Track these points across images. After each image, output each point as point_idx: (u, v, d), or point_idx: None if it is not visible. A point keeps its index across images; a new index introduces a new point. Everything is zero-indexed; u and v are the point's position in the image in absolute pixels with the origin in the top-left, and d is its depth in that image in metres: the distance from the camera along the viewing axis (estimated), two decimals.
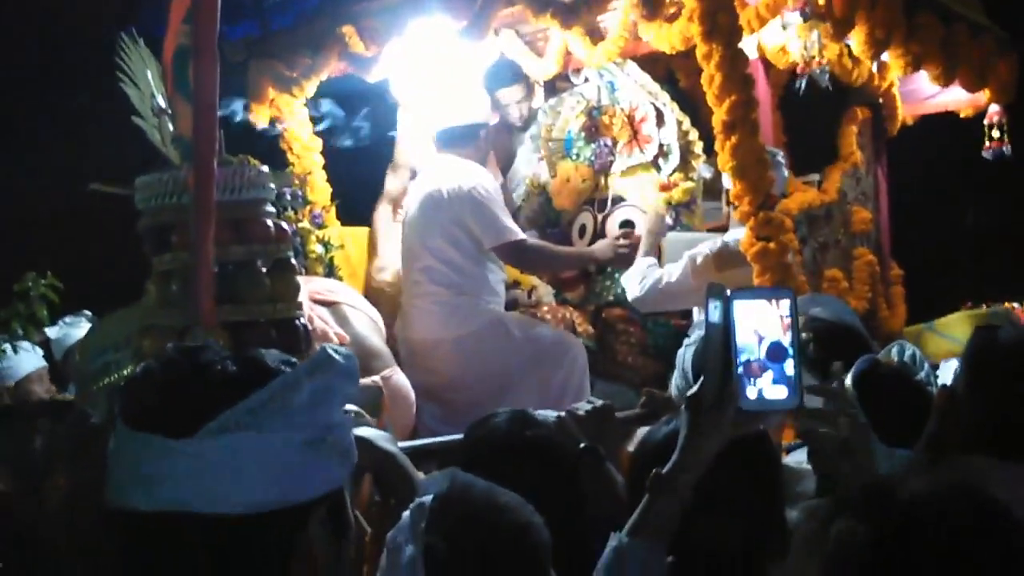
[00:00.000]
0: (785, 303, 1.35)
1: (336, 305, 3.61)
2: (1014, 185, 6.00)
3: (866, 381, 1.89)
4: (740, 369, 1.33)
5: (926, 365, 2.00)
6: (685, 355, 2.33)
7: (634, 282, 3.83)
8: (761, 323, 1.34)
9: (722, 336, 1.34)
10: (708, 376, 1.37)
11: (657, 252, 3.98)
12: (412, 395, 3.65)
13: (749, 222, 3.41)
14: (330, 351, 1.00)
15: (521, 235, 3.92)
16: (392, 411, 3.36)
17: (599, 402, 2.20)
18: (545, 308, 4.21)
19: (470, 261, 3.87)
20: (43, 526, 1.49)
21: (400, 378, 3.64)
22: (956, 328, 4.38)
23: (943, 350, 4.19)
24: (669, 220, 4.34)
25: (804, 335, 2.30)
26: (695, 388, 1.40)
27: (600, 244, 4.23)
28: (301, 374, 0.97)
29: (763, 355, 1.32)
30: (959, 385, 1.84)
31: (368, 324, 3.73)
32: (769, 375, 1.32)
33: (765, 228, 3.38)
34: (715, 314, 1.35)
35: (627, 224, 4.36)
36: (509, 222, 3.89)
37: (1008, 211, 6.93)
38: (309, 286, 3.50)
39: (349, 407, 1.05)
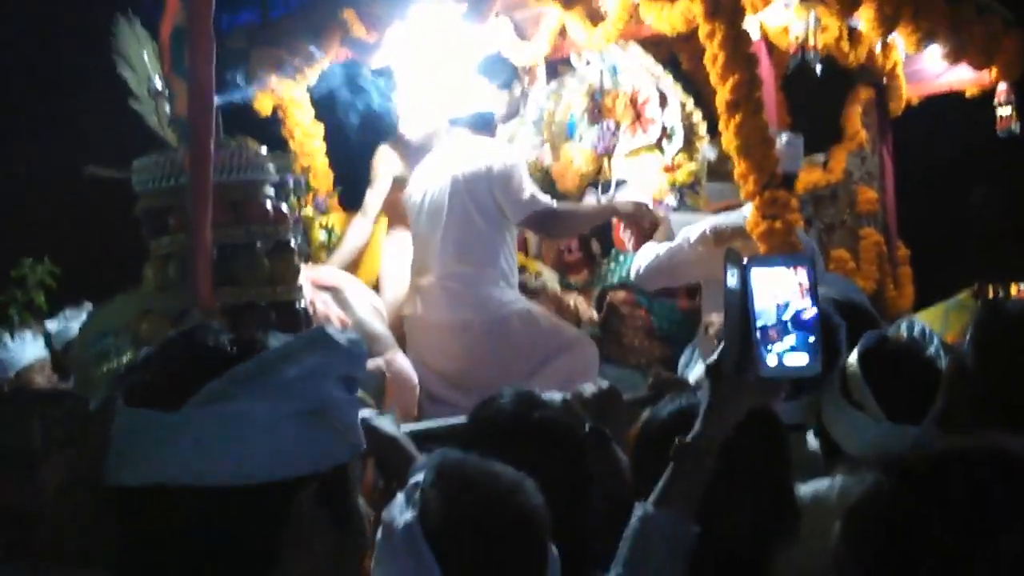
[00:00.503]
0: (803, 271, 1.33)
1: (338, 290, 3.58)
2: (1021, 164, 5.97)
3: (874, 357, 1.86)
4: (758, 335, 1.30)
5: (935, 340, 1.97)
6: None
7: (637, 263, 3.79)
8: (780, 289, 1.32)
9: (740, 302, 1.32)
10: (727, 343, 1.35)
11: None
12: (415, 378, 3.63)
13: (755, 201, 3.37)
14: (328, 329, 0.98)
15: (552, 202, 3.83)
16: (394, 395, 3.35)
17: (605, 384, 2.18)
18: (550, 296, 4.17)
19: (500, 241, 3.77)
20: (42, 510, 1.48)
21: (402, 361, 3.62)
22: (932, 325, 4.34)
23: None
24: (673, 202, 4.32)
25: None
26: (715, 355, 1.39)
27: (621, 199, 4.17)
28: (294, 348, 0.95)
29: (785, 320, 1.30)
30: (968, 358, 1.82)
31: (369, 308, 3.71)
32: (788, 341, 1.30)
33: (771, 207, 3.34)
34: (733, 280, 1.33)
35: None
36: (538, 192, 3.79)
37: (1016, 190, 6.90)
38: (311, 273, 3.48)
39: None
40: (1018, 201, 6.92)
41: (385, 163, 4.32)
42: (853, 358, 1.86)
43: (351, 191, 4.60)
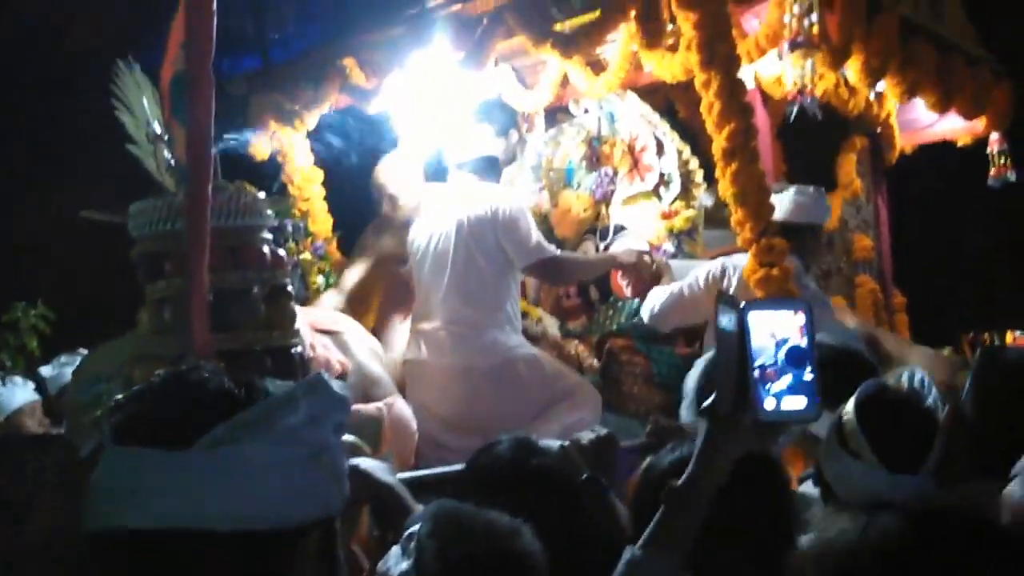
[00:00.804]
0: (802, 314, 1.32)
1: (337, 334, 3.55)
2: (1015, 212, 6.01)
3: (871, 406, 1.85)
4: (756, 373, 1.29)
5: (934, 390, 1.97)
6: (692, 376, 2.28)
7: (649, 303, 3.82)
8: (778, 328, 1.31)
9: (737, 343, 1.30)
10: (723, 385, 1.33)
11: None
12: (414, 424, 3.58)
13: (752, 249, 3.38)
14: (324, 375, 1.00)
15: (556, 250, 3.87)
16: (393, 440, 3.31)
17: (603, 431, 2.17)
18: (551, 342, 4.15)
19: (505, 286, 3.76)
20: (26, 559, 1.46)
21: (402, 406, 3.57)
22: None
23: None
24: (671, 248, 4.34)
25: None
26: (711, 398, 1.37)
27: (621, 250, 4.20)
28: (297, 393, 0.96)
29: (782, 358, 1.28)
30: (967, 405, 1.82)
31: (369, 352, 3.67)
32: (786, 380, 1.28)
33: (767, 255, 3.35)
34: (728, 323, 1.32)
35: None
36: (543, 239, 3.80)
37: (1009, 238, 6.94)
38: (310, 316, 3.46)
39: (347, 437, 1.04)
40: (1012, 248, 6.97)
41: (369, 245, 4.31)
42: (850, 407, 1.85)
43: (350, 236, 4.62)
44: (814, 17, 3.61)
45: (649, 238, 4.38)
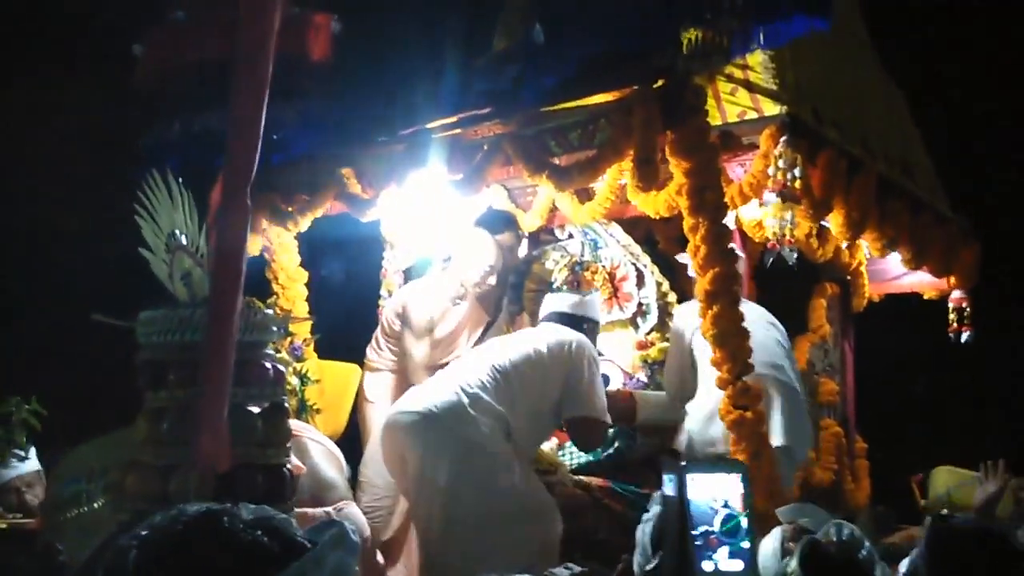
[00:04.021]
0: (738, 477, 1.40)
1: (296, 436, 3.52)
2: (967, 366, 6.19)
3: (813, 564, 1.91)
4: (699, 541, 1.36)
5: (866, 543, 2.04)
6: (644, 530, 2.32)
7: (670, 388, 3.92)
8: (718, 495, 1.39)
9: (678, 508, 1.38)
10: (667, 549, 1.41)
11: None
12: (367, 529, 3.59)
13: (727, 390, 3.46)
14: (348, 528, 1.05)
15: (607, 417, 3.87)
16: None
17: (577, 569, 2.19)
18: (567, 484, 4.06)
19: (551, 424, 3.84)
20: None
21: (353, 510, 3.57)
22: None
23: None
24: (644, 378, 4.41)
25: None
26: (654, 562, 1.43)
27: None
28: (326, 549, 1.01)
29: (718, 528, 1.36)
30: (920, 570, 1.89)
31: (325, 455, 3.67)
32: (725, 547, 1.36)
33: (742, 397, 3.43)
34: (671, 487, 1.40)
35: (603, 379, 4.41)
36: (603, 399, 3.85)
37: (960, 389, 7.13)
38: None
39: None
40: (967, 399, 7.15)
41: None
42: (794, 564, 1.91)
43: (328, 339, 4.64)
44: (797, 171, 3.79)
45: (624, 366, 4.46)
